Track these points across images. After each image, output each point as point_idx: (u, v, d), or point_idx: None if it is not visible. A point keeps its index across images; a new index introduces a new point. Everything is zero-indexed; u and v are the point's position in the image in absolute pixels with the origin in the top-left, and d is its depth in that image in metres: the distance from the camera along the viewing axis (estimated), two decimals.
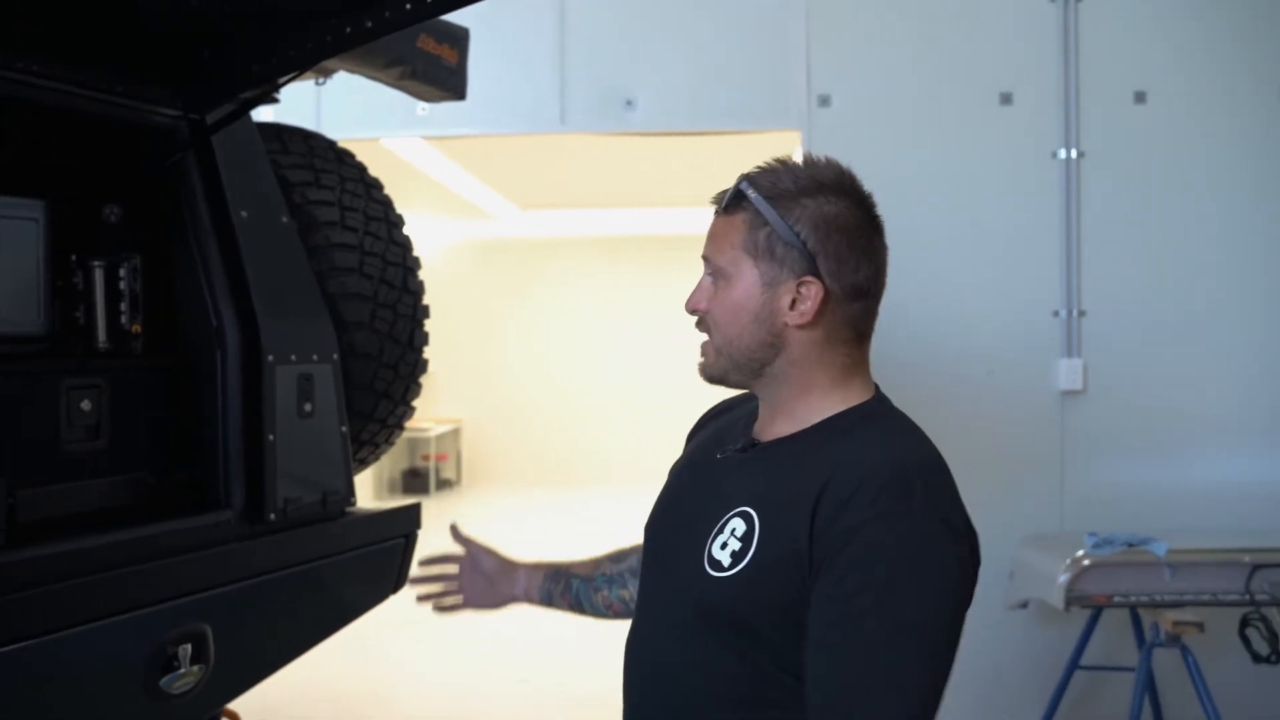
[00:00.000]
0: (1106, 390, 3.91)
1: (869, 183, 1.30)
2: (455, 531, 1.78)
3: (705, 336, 1.31)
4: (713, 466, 1.34)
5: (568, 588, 1.70)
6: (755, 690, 1.21)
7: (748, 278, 1.25)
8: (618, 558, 1.70)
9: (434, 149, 6.55)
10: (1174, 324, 3.90)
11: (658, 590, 1.35)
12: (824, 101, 3.98)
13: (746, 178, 1.27)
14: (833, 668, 1.13)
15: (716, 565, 1.23)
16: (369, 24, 1.67)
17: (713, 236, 1.29)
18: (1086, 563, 3.16)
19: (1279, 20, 3.88)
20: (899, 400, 1.36)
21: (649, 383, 10.83)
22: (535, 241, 10.92)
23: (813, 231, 1.22)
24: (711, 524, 1.26)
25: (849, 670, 1.12)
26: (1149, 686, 3.45)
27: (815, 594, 1.16)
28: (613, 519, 9.10)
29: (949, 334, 3.93)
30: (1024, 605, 3.63)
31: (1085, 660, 3.62)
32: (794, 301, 1.24)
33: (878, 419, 1.28)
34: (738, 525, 1.23)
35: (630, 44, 4.05)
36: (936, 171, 3.95)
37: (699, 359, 1.32)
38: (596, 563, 1.71)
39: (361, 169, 2.26)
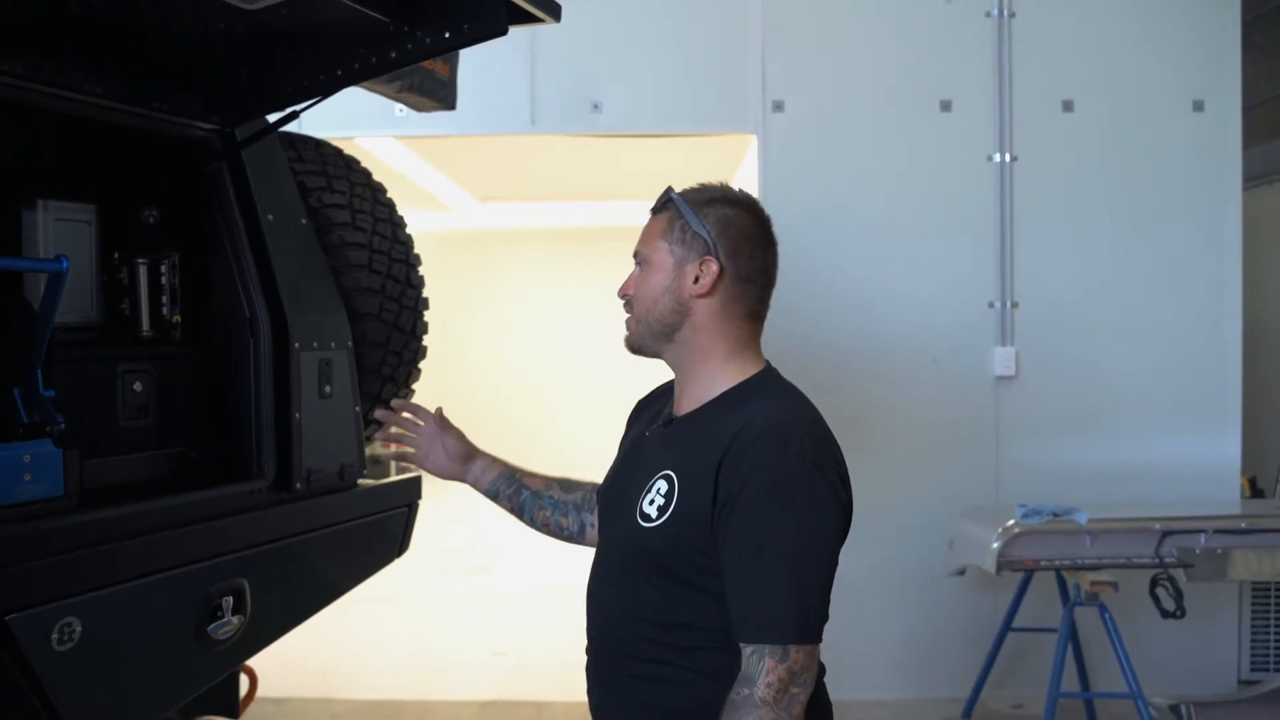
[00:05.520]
0: (1037, 376, 4.26)
1: (819, 183, 1.52)
2: (439, 412, 2.01)
3: (627, 316, 1.65)
4: (644, 442, 1.69)
5: (517, 493, 1.96)
6: (674, 616, 1.55)
7: (664, 259, 1.60)
8: (567, 487, 1.96)
9: (401, 144, 6.72)
10: (1098, 315, 4.25)
11: (606, 541, 1.71)
12: (778, 107, 4.26)
13: (672, 188, 1.64)
14: (741, 599, 1.46)
15: (646, 518, 1.55)
16: (381, 58, 1.91)
17: (643, 234, 1.65)
18: (1016, 530, 3.48)
19: (1193, 38, 4.24)
20: (850, 385, 1.67)
21: (604, 371, 11.10)
22: (493, 233, 11.13)
23: (715, 225, 1.58)
24: (642, 486, 1.59)
25: (751, 598, 1.45)
26: (1075, 645, 3.79)
27: (720, 534, 1.48)
28: None
29: (894, 325, 4.25)
30: (961, 572, 3.95)
31: (1017, 623, 3.95)
32: (697, 277, 1.58)
33: (765, 389, 1.60)
34: (661, 485, 1.55)
35: (597, 50, 4.30)
36: (881, 173, 4.26)
37: (624, 333, 1.65)
38: (548, 482, 1.96)
39: (367, 174, 2.49)
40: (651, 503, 1.56)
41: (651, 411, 1.76)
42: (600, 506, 1.76)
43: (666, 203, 1.62)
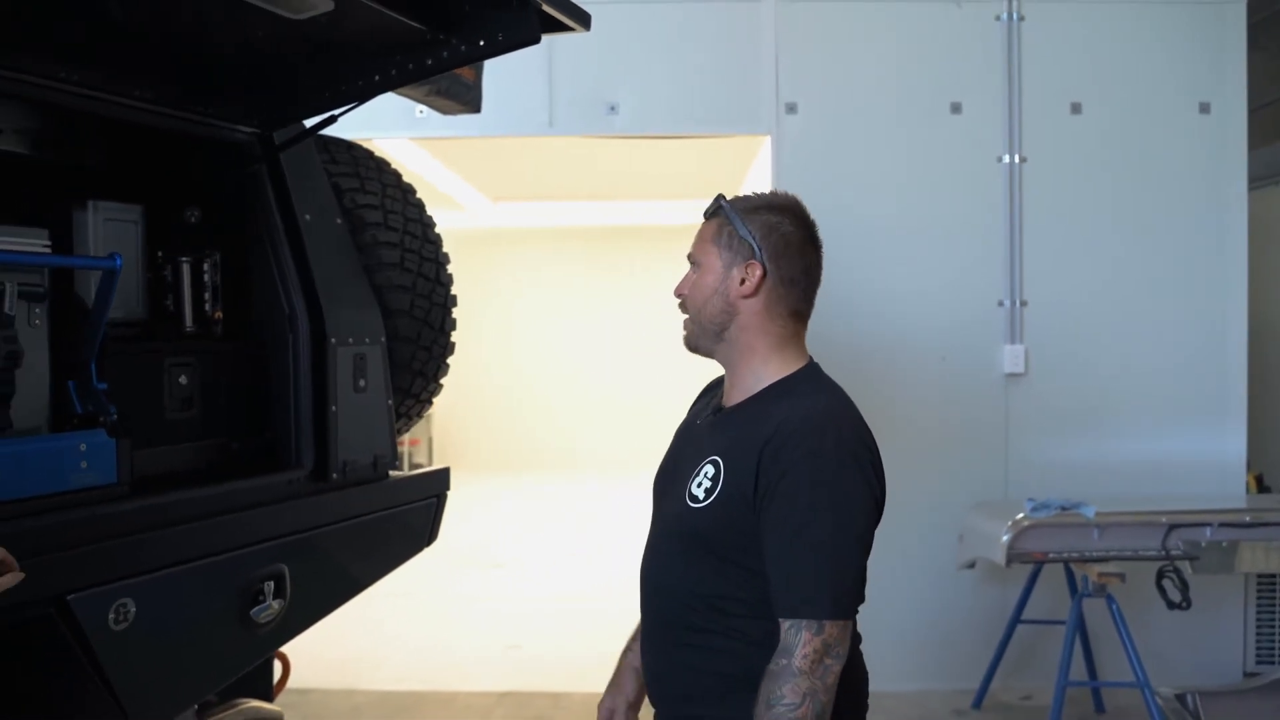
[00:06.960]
0: (1046, 373, 4.32)
1: (832, 183, 1.57)
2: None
3: (684, 316, 1.75)
4: (696, 429, 1.81)
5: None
6: (719, 589, 1.65)
7: (714, 263, 1.71)
8: None
9: (414, 144, 6.81)
10: (1106, 314, 4.32)
11: (659, 520, 1.80)
12: (791, 109, 4.33)
13: (723, 195, 1.74)
14: (781, 578, 1.57)
15: (694, 499, 1.67)
16: (418, 65, 2.00)
17: (696, 238, 1.74)
18: (1026, 524, 3.55)
19: (1199, 41, 4.30)
20: (862, 381, 1.74)
21: (609, 370, 11.23)
22: (503, 232, 11.23)
23: (760, 230, 1.68)
24: (692, 469, 1.70)
25: (790, 577, 1.56)
26: (1083, 636, 3.87)
27: (763, 520, 1.59)
28: (580, 501, 9.45)
29: (905, 323, 4.32)
30: (971, 565, 4.02)
31: (1026, 615, 4.02)
32: (743, 280, 1.68)
33: (808, 383, 1.71)
34: (709, 469, 1.67)
35: (613, 54, 4.37)
36: (893, 174, 4.33)
37: (682, 332, 1.77)
38: (634, 634, 1.89)
39: (397, 176, 2.57)
40: (700, 485, 1.67)
41: (707, 400, 1.88)
42: (654, 487, 1.87)
43: (717, 209, 1.73)
